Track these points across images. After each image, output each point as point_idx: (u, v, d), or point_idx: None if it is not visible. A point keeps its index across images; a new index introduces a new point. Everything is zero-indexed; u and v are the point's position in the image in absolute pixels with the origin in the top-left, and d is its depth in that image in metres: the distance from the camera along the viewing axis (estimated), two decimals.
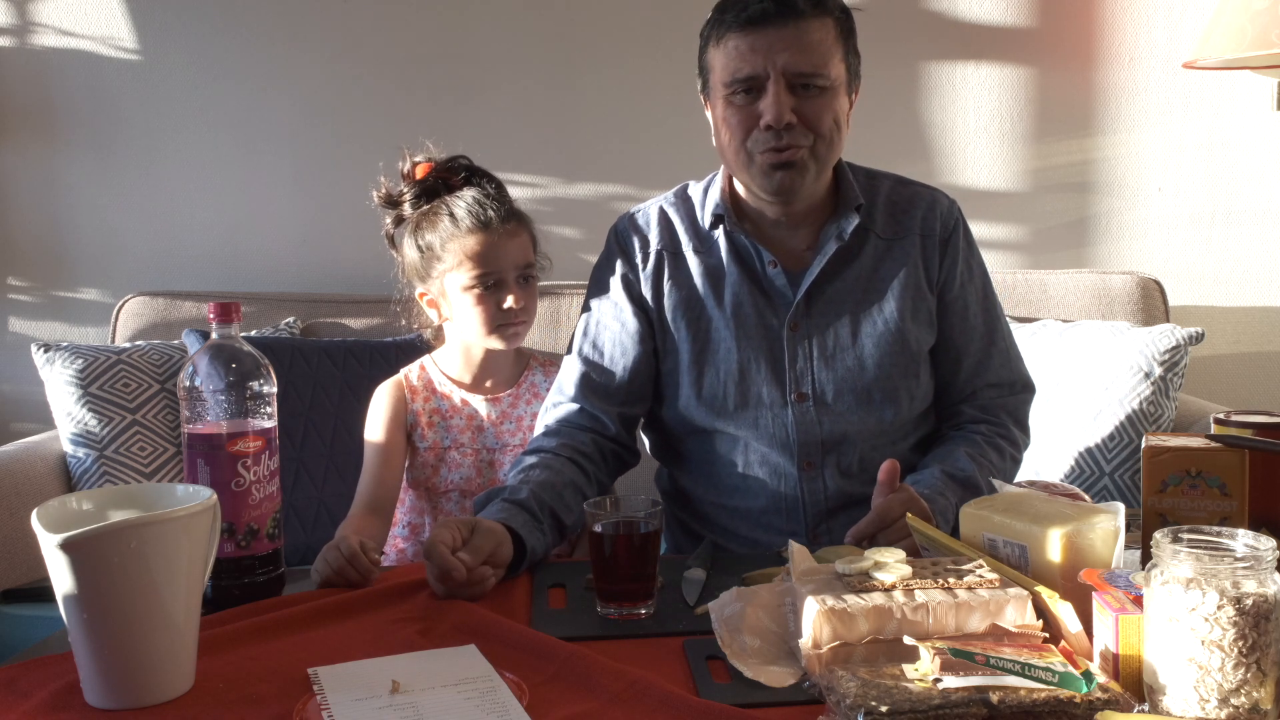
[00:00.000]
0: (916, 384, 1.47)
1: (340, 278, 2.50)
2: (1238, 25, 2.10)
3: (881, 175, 1.54)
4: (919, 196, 1.51)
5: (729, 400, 1.45)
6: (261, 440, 1.17)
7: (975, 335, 1.52)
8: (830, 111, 1.37)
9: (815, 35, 1.34)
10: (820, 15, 1.35)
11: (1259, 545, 0.82)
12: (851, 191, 1.47)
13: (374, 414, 1.69)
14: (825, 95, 1.36)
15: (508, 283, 1.59)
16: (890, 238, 1.48)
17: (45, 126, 2.48)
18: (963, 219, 1.53)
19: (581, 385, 1.48)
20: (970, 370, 1.52)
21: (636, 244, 1.52)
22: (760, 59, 1.34)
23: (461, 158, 1.66)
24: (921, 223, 1.49)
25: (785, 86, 1.34)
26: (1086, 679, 0.81)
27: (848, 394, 1.43)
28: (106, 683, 0.91)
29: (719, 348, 1.45)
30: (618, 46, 2.48)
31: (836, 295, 1.45)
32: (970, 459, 1.42)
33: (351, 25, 2.47)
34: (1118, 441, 2.00)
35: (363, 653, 1.00)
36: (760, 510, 1.47)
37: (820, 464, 1.44)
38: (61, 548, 0.88)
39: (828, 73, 1.35)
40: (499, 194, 1.62)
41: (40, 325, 2.52)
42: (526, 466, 1.37)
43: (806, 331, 1.44)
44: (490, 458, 1.66)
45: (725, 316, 1.46)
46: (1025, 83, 2.51)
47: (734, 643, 0.98)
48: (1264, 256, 2.55)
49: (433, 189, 1.61)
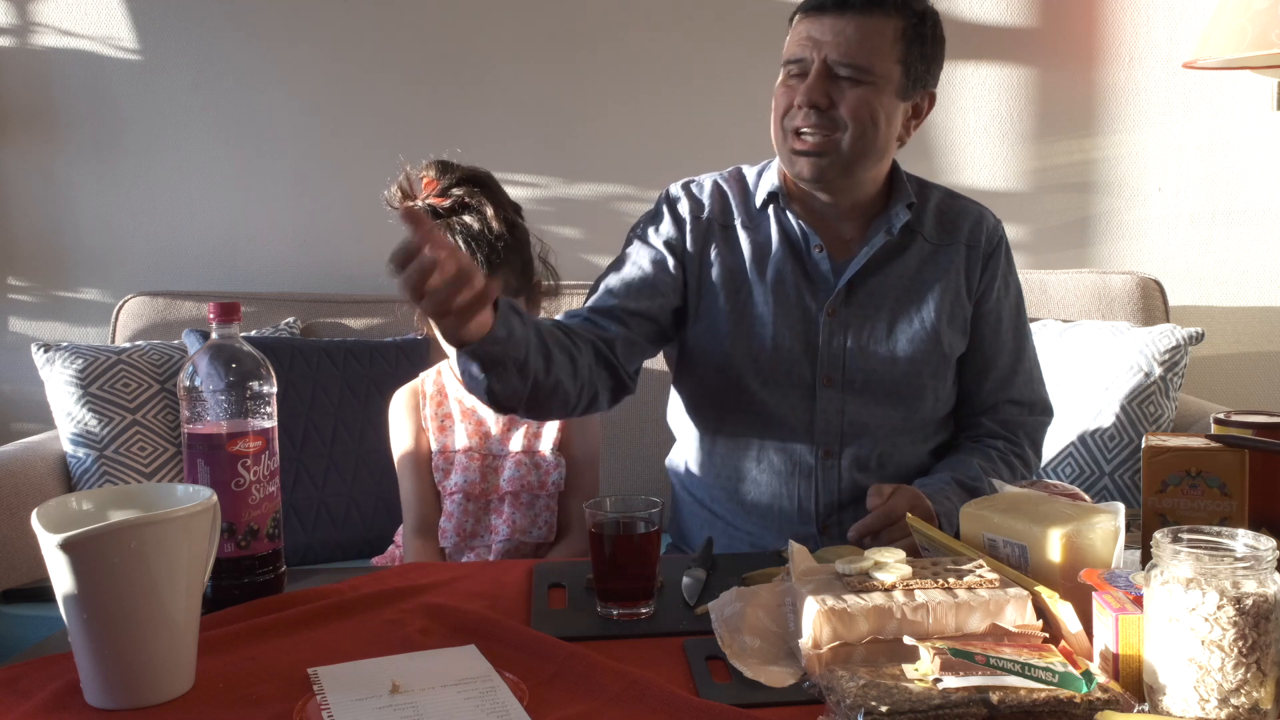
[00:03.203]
0: (943, 386, 1.49)
1: (340, 278, 2.50)
2: (1238, 25, 2.11)
3: (933, 185, 1.57)
4: (967, 210, 1.54)
5: (760, 369, 1.45)
6: (261, 440, 1.17)
7: (1005, 349, 1.54)
8: (867, 106, 1.38)
9: (866, 30, 1.37)
10: (879, 13, 1.37)
11: (1259, 545, 0.82)
12: (905, 189, 1.50)
13: (394, 426, 1.70)
14: (865, 89, 1.38)
15: None
16: (937, 243, 1.50)
17: (45, 126, 2.48)
18: (1005, 237, 1.56)
19: (598, 302, 1.47)
20: (996, 383, 1.54)
21: (688, 209, 1.52)
22: (810, 45, 1.38)
23: (462, 177, 1.59)
24: (968, 234, 1.52)
25: (825, 73, 1.37)
26: (1086, 679, 0.81)
27: (875, 385, 1.45)
28: (106, 683, 0.91)
29: (755, 320, 1.46)
30: (618, 46, 2.48)
31: (878, 288, 1.47)
32: (982, 471, 1.44)
33: (352, 25, 2.47)
34: (1118, 441, 2.00)
35: (363, 653, 1.00)
36: (773, 496, 1.47)
37: (838, 453, 1.46)
38: (61, 548, 0.88)
39: (872, 67, 1.37)
40: (479, 244, 1.55)
41: (40, 325, 2.53)
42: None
43: (844, 320, 1.46)
44: (495, 463, 1.67)
45: (766, 291, 1.47)
46: (1025, 83, 2.51)
47: (734, 643, 0.98)
48: (1264, 256, 2.55)
49: (430, 211, 1.59)
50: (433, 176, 1.59)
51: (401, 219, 1.05)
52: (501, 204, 1.59)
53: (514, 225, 1.60)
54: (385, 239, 1.74)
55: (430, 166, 1.60)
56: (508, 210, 1.60)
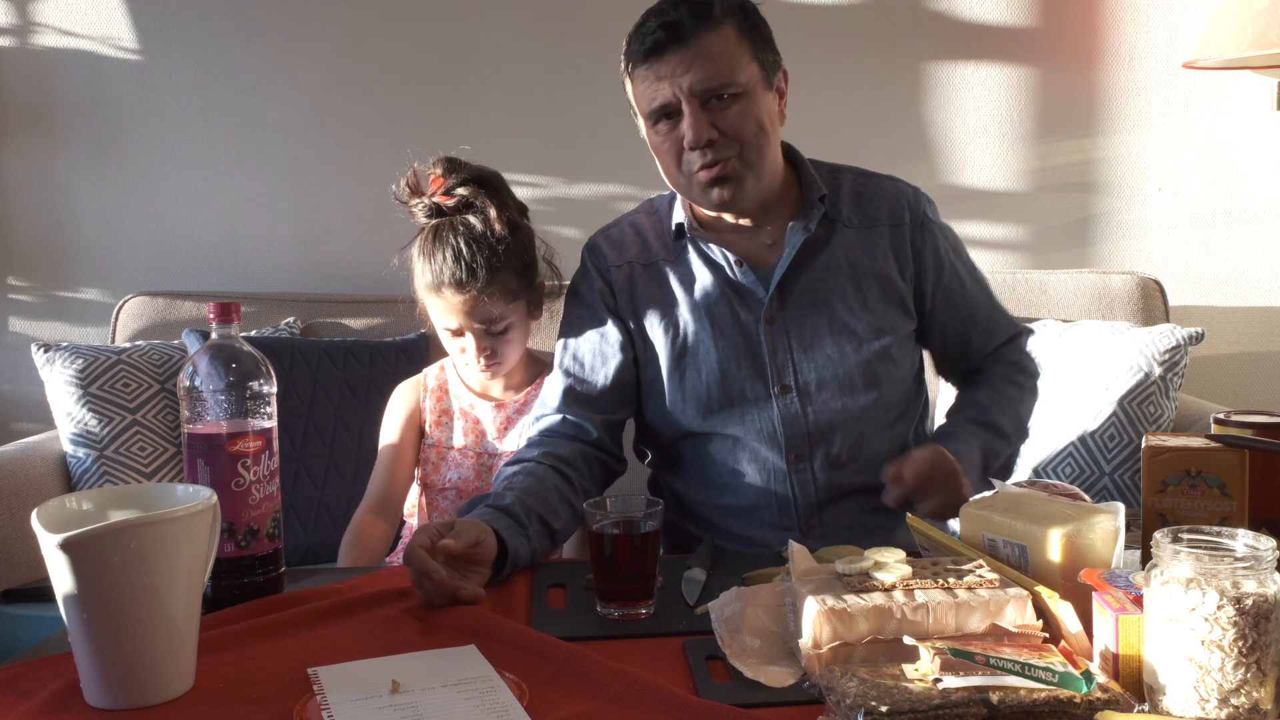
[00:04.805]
0: (897, 367, 1.49)
1: (340, 278, 2.50)
2: (1238, 25, 2.11)
3: (843, 168, 1.56)
4: (881, 187, 1.54)
5: (713, 399, 1.46)
6: (261, 440, 1.17)
7: (977, 303, 1.58)
8: (749, 116, 1.39)
9: (714, 48, 1.36)
10: (714, 27, 1.36)
11: (1259, 545, 0.82)
12: (814, 184, 1.49)
13: (390, 413, 1.72)
14: (740, 101, 1.38)
15: (468, 335, 1.59)
16: (858, 226, 1.50)
17: (45, 126, 2.48)
18: (925, 198, 1.56)
19: (564, 395, 1.49)
20: (982, 336, 1.59)
21: (610, 258, 1.54)
22: (667, 86, 1.37)
23: (468, 177, 1.58)
24: (889, 214, 1.51)
25: (699, 105, 1.37)
26: (1086, 679, 0.81)
27: (830, 382, 1.45)
28: (106, 683, 0.91)
29: (698, 350, 1.47)
30: (618, 46, 2.48)
31: (809, 286, 1.47)
32: (990, 401, 1.53)
33: (351, 26, 2.47)
34: (1118, 441, 2.00)
35: (363, 653, 1.00)
36: (752, 507, 1.48)
37: (809, 455, 1.46)
38: (61, 548, 0.88)
39: (736, 79, 1.37)
40: (480, 246, 1.54)
41: (40, 325, 2.53)
42: (509, 475, 1.37)
43: (783, 325, 1.46)
44: (490, 462, 1.67)
45: (701, 320, 1.47)
46: (1026, 83, 2.51)
47: (734, 643, 0.98)
48: (1264, 256, 2.55)
49: (435, 208, 1.59)
50: (440, 174, 1.59)
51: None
52: (506, 206, 1.59)
53: (517, 227, 1.59)
54: (385, 239, 1.75)
55: (439, 163, 1.60)
56: (512, 212, 1.59)
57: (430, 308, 1.61)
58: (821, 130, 2.30)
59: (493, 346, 1.60)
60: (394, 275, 1.74)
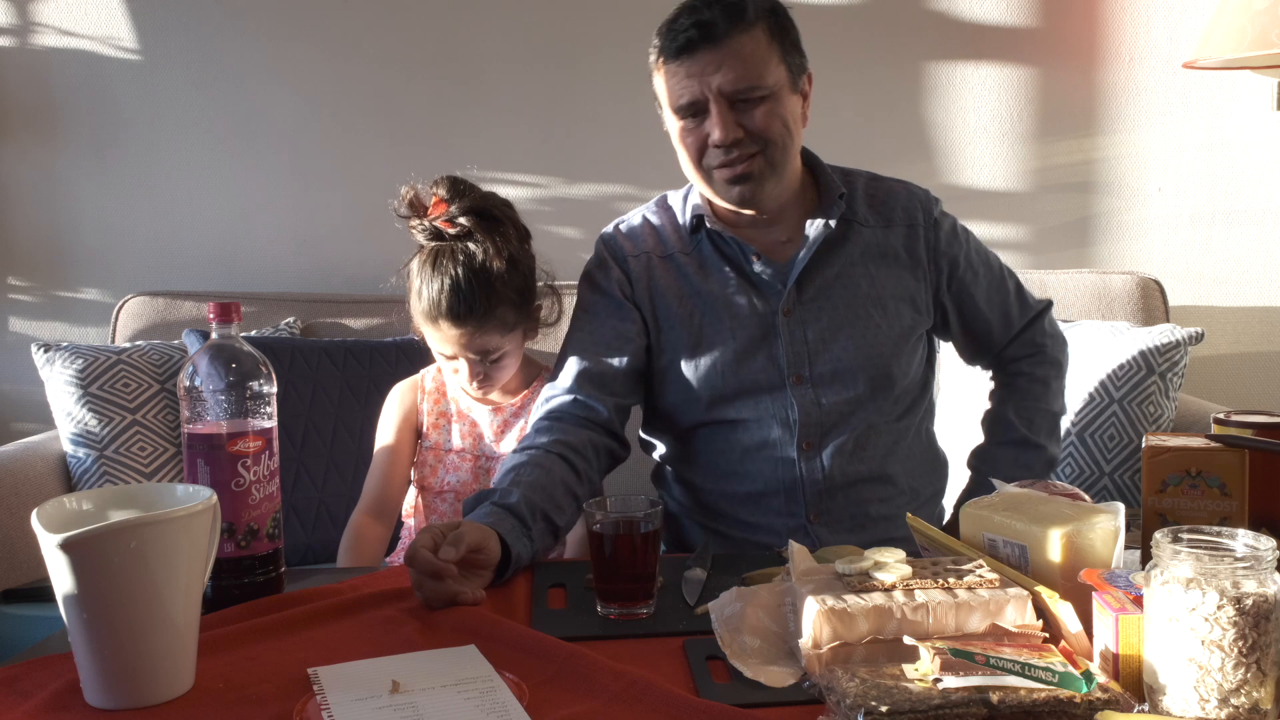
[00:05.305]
0: (907, 362, 1.51)
1: (340, 278, 2.50)
2: (1238, 25, 2.10)
3: (855, 171, 1.59)
4: (895, 191, 1.57)
5: (728, 388, 1.47)
6: (261, 440, 1.17)
7: (999, 290, 1.60)
8: (776, 117, 1.41)
9: (745, 49, 1.38)
10: (745, 28, 1.38)
11: (1259, 545, 0.82)
12: (832, 183, 1.52)
13: (386, 414, 1.71)
14: (767, 102, 1.40)
15: (462, 361, 1.58)
16: (875, 226, 1.53)
17: (45, 126, 2.48)
18: (936, 200, 1.58)
19: (578, 376, 1.49)
20: (1005, 324, 1.61)
21: (627, 249, 1.55)
22: (696, 84, 1.39)
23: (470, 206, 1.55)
24: (904, 214, 1.54)
25: (726, 105, 1.39)
26: (1086, 679, 0.81)
27: (844, 374, 1.47)
28: (106, 683, 0.91)
29: (715, 339, 1.48)
30: (619, 46, 2.48)
31: (826, 281, 1.49)
32: (1017, 416, 1.57)
33: (352, 25, 2.47)
34: (1118, 441, 2.00)
35: (363, 653, 1.00)
36: (761, 494, 1.49)
37: (819, 444, 1.48)
38: (61, 548, 0.88)
39: (764, 82, 1.39)
40: (479, 279, 1.52)
41: (40, 325, 2.53)
42: (517, 465, 1.37)
43: (800, 317, 1.48)
44: (488, 465, 1.67)
45: (718, 309, 1.49)
46: (1026, 83, 2.51)
47: (734, 643, 0.98)
48: (1264, 256, 2.55)
49: (437, 233, 1.56)
50: (443, 197, 1.56)
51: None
52: (508, 239, 1.56)
53: (515, 261, 1.56)
54: (385, 239, 1.75)
55: (442, 184, 1.57)
56: (511, 245, 1.56)
57: (426, 333, 1.60)
58: (822, 130, 2.28)
59: (486, 372, 1.60)
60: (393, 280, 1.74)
